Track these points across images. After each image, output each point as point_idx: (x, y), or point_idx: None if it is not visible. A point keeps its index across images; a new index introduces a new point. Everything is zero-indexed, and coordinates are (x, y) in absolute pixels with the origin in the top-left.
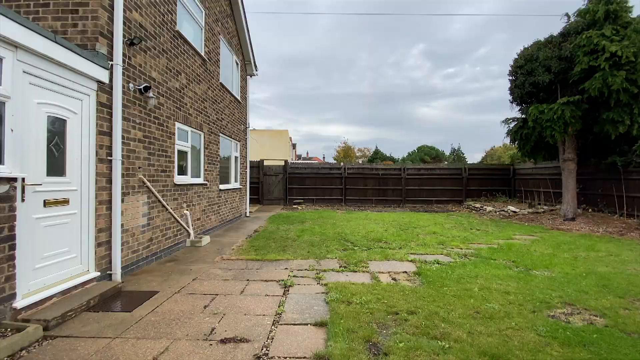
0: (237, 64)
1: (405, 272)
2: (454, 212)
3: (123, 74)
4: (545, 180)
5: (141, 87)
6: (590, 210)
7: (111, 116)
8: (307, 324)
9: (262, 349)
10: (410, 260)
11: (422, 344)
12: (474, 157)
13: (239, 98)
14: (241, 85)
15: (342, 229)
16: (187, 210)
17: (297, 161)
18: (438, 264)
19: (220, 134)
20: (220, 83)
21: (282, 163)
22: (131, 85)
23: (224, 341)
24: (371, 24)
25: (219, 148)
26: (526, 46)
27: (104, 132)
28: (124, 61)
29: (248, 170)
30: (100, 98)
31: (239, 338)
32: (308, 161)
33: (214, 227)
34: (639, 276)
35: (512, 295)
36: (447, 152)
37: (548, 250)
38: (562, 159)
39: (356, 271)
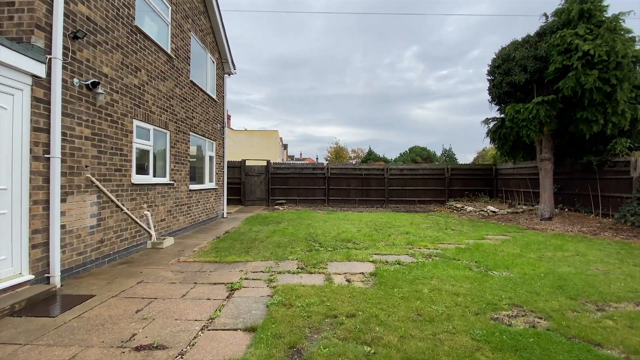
0: (212, 62)
1: (363, 273)
2: (435, 212)
3: (66, 68)
4: (525, 180)
5: (88, 82)
6: (566, 210)
7: (49, 112)
8: (236, 330)
9: (176, 357)
10: (372, 261)
11: (347, 350)
12: (466, 157)
13: (214, 97)
14: (217, 83)
15: (315, 230)
16: (147, 210)
17: (280, 161)
18: (399, 264)
19: (191, 133)
20: (191, 81)
21: (265, 163)
22: (76, 80)
23: (138, 348)
24: (365, 26)
25: (188, 147)
26: (504, 46)
27: (41, 129)
28: (66, 55)
29: (225, 170)
30: (36, 93)
31: (156, 345)
32: (291, 161)
33: (183, 228)
34: (599, 277)
35: (461, 297)
36: (439, 153)
37: (516, 250)
38: (539, 159)
39: (312, 273)
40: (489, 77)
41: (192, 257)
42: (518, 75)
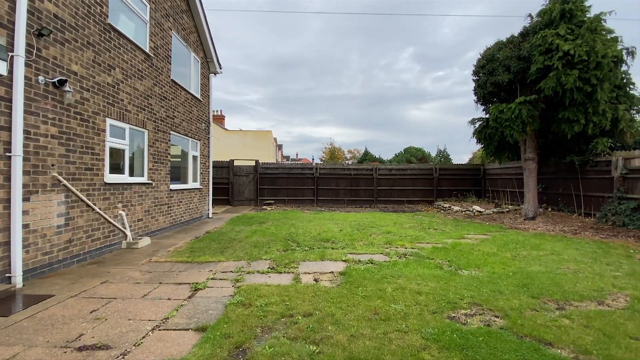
0: (197, 61)
1: (332, 272)
2: (422, 212)
3: (30, 66)
4: (512, 180)
5: (54, 80)
6: (550, 209)
7: (11, 110)
8: (188, 330)
9: (118, 357)
10: (345, 260)
11: (293, 349)
12: (462, 158)
13: (198, 96)
14: (202, 83)
15: (297, 230)
16: (122, 210)
17: (271, 162)
18: (371, 263)
19: (173, 132)
20: (172, 80)
21: (253, 163)
22: (41, 78)
23: (81, 348)
24: (362, 27)
25: (169, 146)
26: (489, 46)
27: (1, 127)
28: (30, 53)
29: (211, 170)
30: None
31: (99, 345)
32: (282, 162)
33: (163, 228)
34: (567, 275)
35: (424, 296)
36: (434, 154)
37: (492, 249)
38: (524, 159)
39: (282, 272)
40: (474, 78)
41: (165, 257)
42: (502, 76)
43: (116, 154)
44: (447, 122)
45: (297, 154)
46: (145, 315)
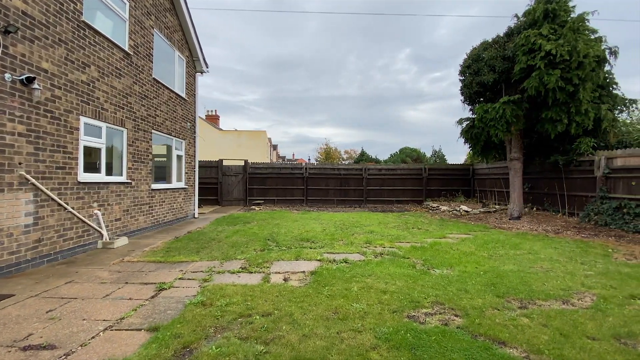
0: (181, 60)
1: (304, 272)
2: (410, 211)
3: None
4: (499, 180)
5: (22, 77)
6: (535, 209)
7: None
8: (140, 330)
9: (61, 357)
10: (319, 260)
11: (240, 350)
12: (458, 158)
13: (183, 95)
14: (187, 82)
15: (279, 230)
16: (98, 210)
17: (262, 161)
18: (345, 262)
19: (155, 131)
20: (154, 78)
21: (242, 163)
22: (7, 75)
23: (26, 348)
24: (359, 28)
25: (150, 146)
26: (475, 46)
27: None
28: None
29: (197, 169)
30: None
31: (44, 345)
32: (273, 162)
33: (144, 228)
34: (538, 274)
35: (388, 295)
36: (430, 154)
37: (470, 248)
38: (509, 159)
39: (253, 272)
40: (461, 78)
41: (138, 257)
42: (487, 75)
43: (92, 152)
44: (444, 122)
45: (293, 154)
46: (101, 315)
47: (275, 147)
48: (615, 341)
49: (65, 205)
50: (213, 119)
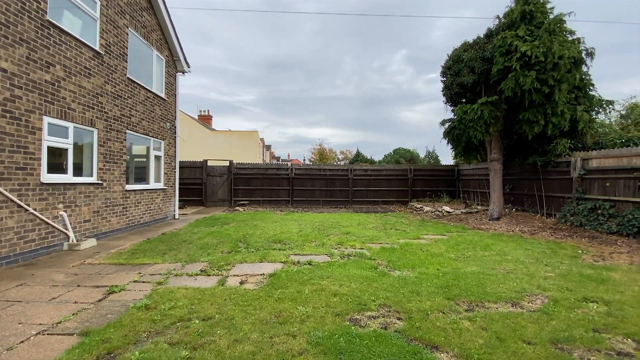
0: (160, 59)
1: (263, 274)
2: (394, 212)
3: None
4: (482, 180)
5: None
6: (515, 209)
7: None
8: (72, 335)
9: None
10: (284, 262)
11: (164, 355)
12: (450, 159)
13: (162, 95)
14: (167, 81)
15: (255, 231)
16: (64, 211)
17: (243, 162)
18: (309, 264)
19: (129, 131)
20: (128, 78)
21: (227, 164)
22: None
23: None
24: (355, 30)
25: (124, 146)
26: (456, 47)
27: None
28: None
29: (177, 170)
30: None
31: None
32: (267, 162)
33: (117, 229)
34: (497, 276)
35: (338, 297)
36: (423, 155)
37: (440, 250)
38: (489, 159)
39: (211, 275)
40: (442, 79)
41: (102, 259)
42: (467, 77)
43: (58, 153)
44: (438, 123)
45: (289, 155)
46: (39, 319)
47: (268, 148)
48: (551, 346)
49: (26, 207)
50: (205, 119)
